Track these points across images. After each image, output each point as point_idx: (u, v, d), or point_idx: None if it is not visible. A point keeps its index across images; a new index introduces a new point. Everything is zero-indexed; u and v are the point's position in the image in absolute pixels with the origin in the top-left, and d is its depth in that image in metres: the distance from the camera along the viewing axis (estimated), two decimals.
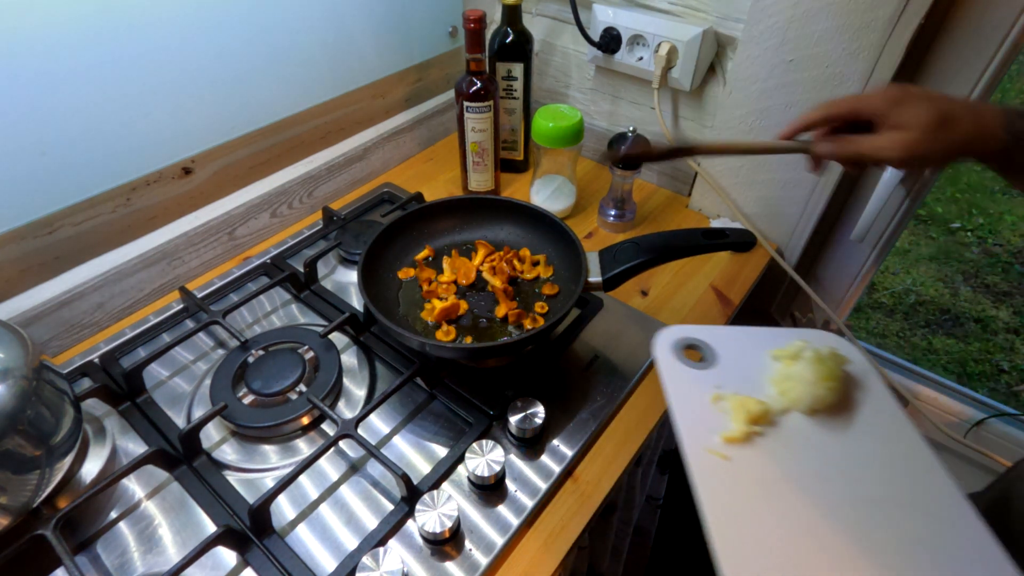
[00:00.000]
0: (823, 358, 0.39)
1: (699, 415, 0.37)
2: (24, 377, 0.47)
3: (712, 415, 0.37)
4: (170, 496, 0.55)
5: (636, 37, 0.84)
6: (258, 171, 0.83)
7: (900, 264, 2.07)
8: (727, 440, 0.36)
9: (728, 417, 0.37)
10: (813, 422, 0.37)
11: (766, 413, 0.37)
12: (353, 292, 0.77)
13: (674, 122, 0.91)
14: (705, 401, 0.38)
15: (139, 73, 0.65)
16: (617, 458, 0.59)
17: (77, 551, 0.51)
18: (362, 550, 0.49)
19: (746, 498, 0.33)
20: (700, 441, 0.35)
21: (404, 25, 0.92)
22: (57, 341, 0.68)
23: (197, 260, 0.78)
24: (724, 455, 0.35)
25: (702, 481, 0.33)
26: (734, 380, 0.39)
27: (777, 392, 0.39)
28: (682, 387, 0.39)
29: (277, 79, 0.79)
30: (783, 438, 0.37)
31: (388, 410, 0.62)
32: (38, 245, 0.64)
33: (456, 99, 0.82)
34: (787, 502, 0.33)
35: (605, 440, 0.60)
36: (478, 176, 0.90)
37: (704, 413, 0.37)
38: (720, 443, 0.36)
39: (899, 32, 0.63)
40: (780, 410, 0.38)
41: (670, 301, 0.76)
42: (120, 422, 0.61)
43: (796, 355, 0.40)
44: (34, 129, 0.60)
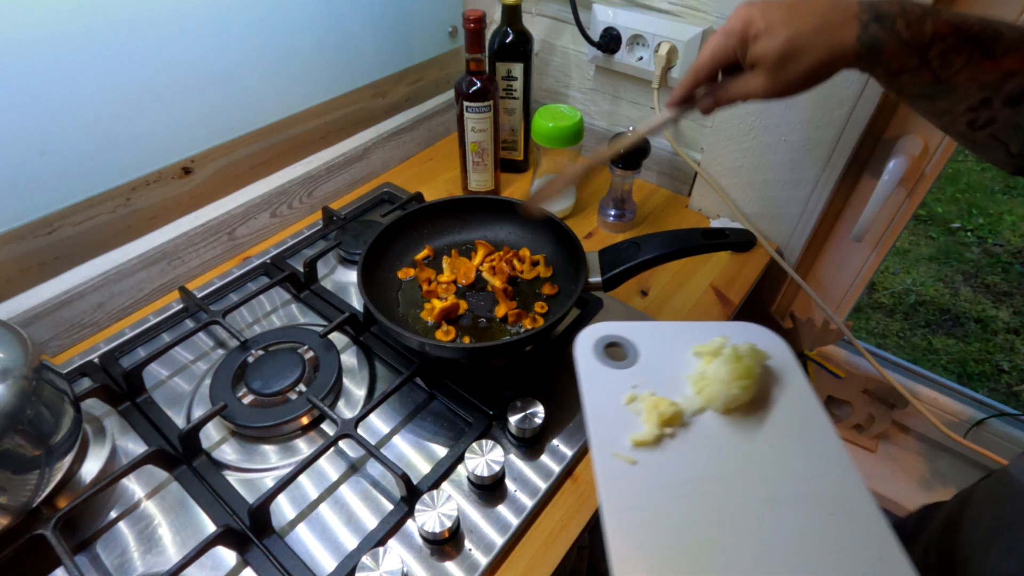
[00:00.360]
0: (740, 355, 0.38)
1: (611, 416, 0.36)
2: (24, 377, 0.47)
3: (624, 417, 0.36)
4: (170, 496, 0.55)
5: (636, 37, 0.84)
6: (258, 171, 0.83)
7: (900, 264, 2.07)
8: (636, 444, 0.35)
9: (641, 419, 0.36)
10: (727, 421, 0.37)
11: (679, 415, 0.37)
12: (353, 292, 0.77)
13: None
14: (619, 402, 0.37)
15: (139, 73, 0.65)
16: None
17: (77, 551, 0.51)
18: (362, 550, 0.49)
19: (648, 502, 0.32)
20: (608, 444, 0.35)
21: (404, 25, 0.92)
22: (57, 341, 0.68)
23: (197, 260, 0.78)
24: (631, 459, 0.34)
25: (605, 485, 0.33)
26: (653, 379, 0.38)
27: (694, 391, 0.38)
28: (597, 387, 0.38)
29: (277, 79, 0.79)
30: (693, 439, 0.36)
31: (388, 410, 0.62)
32: (38, 245, 0.64)
33: (456, 99, 0.82)
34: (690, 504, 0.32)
35: None
36: (478, 176, 0.90)
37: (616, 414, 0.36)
38: (628, 447, 0.35)
39: None
40: (694, 410, 0.37)
41: (670, 301, 0.76)
42: (120, 422, 0.61)
43: (716, 351, 0.39)
44: (34, 129, 0.60)
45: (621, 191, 0.85)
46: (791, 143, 0.77)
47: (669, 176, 0.95)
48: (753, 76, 0.44)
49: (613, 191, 0.85)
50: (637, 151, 0.79)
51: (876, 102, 0.69)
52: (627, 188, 0.85)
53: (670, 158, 0.93)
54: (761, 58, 0.42)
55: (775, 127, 0.77)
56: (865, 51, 0.40)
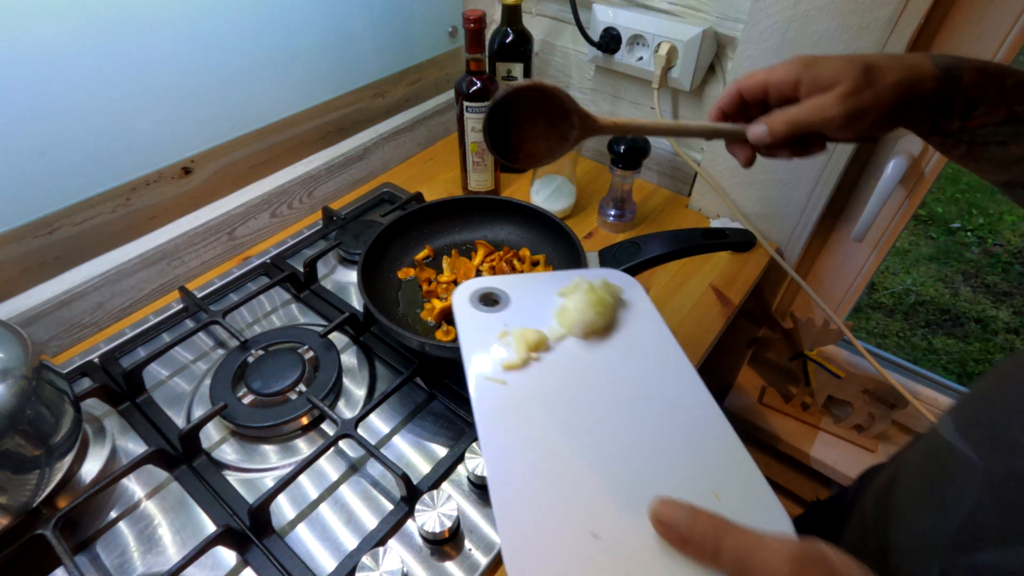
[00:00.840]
0: (595, 288, 0.44)
1: (485, 349, 0.41)
2: (24, 377, 0.47)
3: (497, 349, 0.41)
4: (170, 496, 0.55)
5: (636, 37, 0.84)
6: (258, 171, 0.83)
7: (900, 264, 2.07)
8: (506, 367, 0.39)
9: (511, 348, 0.40)
10: (586, 344, 0.42)
11: (543, 340, 0.41)
12: (353, 292, 0.77)
13: None
14: (492, 338, 0.41)
15: (139, 73, 0.65)
16: None
17: (77, 551, 0.51)
18: (362, 550, 0.49)
19: (516, 415, 0.36)
20: (482, 371, 0.39)
21: (404, 25, 0.92)
22: (57, 341, 0.68)
23: (197, 260, 0.78)
24: (502, 380, 0.38)
25: (479, 405, 0.37)
26: (522, 318, 0.43)
27: (557, 323, 0.43)
28: (473, 328, 0.42)
29: (277, 79, 0.79)
30: (557, 360, 0.40)
31: (388, 410, 0.62)
32: (38, 245, 0.64)
33: (456, 99, 0.82)
34: (554, 412, 0.37)
35: None
36: (478, 176, 0.90)
37: (490, 348, 0.41)
38: (500, 370, 0.39)
39: (899, 32, 0.63)
40: (557, 337, 0.42)
41: (670, 301, 0.76)
42: (120, 422, 0.61)
43: (575, 289, 0.44)
44: (34, 129, 0.60)
45: (621, 191, 0.85)
46: None
47: (669, 176, 0.95)
48: (823, 98, 0.38)
49: (613, 191, 0.85)
50: (637, 151, 0.79)
51: None
52: (627, 188, 0.85)
53: (670, 158, 0.93)
54: (834, 78, 0.38)
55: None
56: (943, 74, 0.38)
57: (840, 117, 0.38)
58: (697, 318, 0.74)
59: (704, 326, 0.73)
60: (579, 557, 0.29)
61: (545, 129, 0.43)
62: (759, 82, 0.41)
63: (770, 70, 0.41)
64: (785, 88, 0.41)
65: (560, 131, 0.44)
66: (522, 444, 0.35)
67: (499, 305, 0.45)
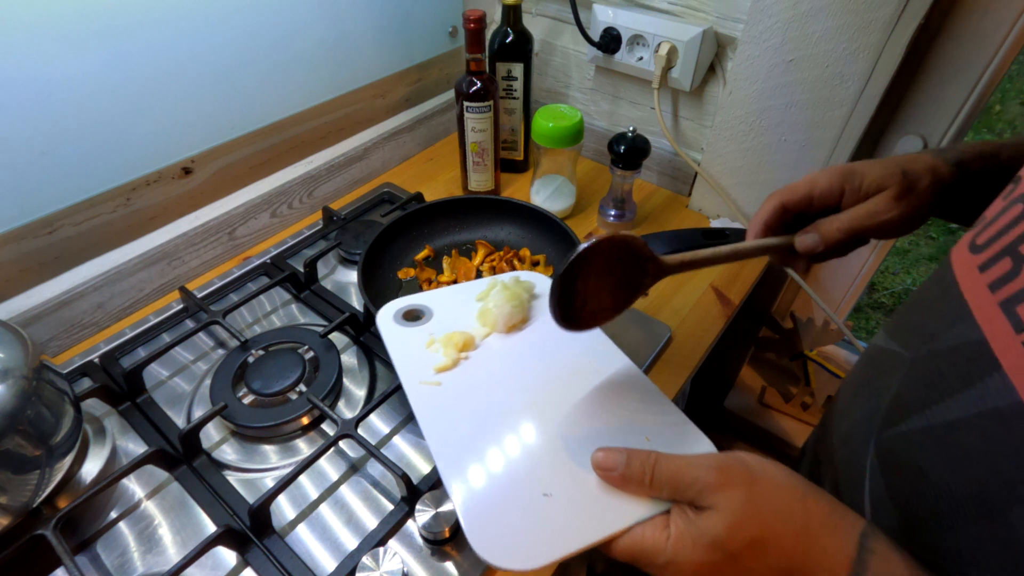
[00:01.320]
0: (508, 286, 0.48)
1: (416, 359, 0.43)
2: (24, 377, 0.47)
3: (427, 356, 0.44)
4: (170, 496, 0.55)
5: (636, 37, 0.84)
6: (258, 171, 0.83)
7: (900, 264, 2.07)
8: (438, 370, 0.42)
9: (440, 353, 0.44)
10: (509, 336, 0.46)
11: (470, 340, 0.45)
12: (353, 292, 0.77)
13: (674, 122, 0.91)
14: (421, 347, 0.44)
15: (139, 73, 0.65)
16: None
17: (77, 551, 0.51)
18: (362, 550, 0.49)
19: (455, 408, 0.40)
20: (416, 377, 0.42)
21: (404, 25, 0.92)
22: (57, 341, 0.68)
23: (197, 260, 0.78)
24: (436, 382, 0.42)
25: (419, 408, 0.39)
26: (446, 326, 0.46)
27: (479, 324, 0.47)
28: (401, 342, 0.45)
29: (277, 79, 0.79)
30: (485, 355, 0.44)
31: (388, 410, 0.62)
32: (38, 245, 0.64)
33: (456, 99, 0.82)
34: (491, 397, 0.40)
35: None
36: (478, 176, 0.90)
37: (420, 356, 0.43)
38: (432, 374, 0.42)
39: (899, 32, 0.63)
40: (482, 335, 0.46)
41: (670, 301, 0.76)
42: (120, 422, 0.61)
43: (491, 289, 0.48)
44: (34, 129, 0.60)
45: (621, 191, 0.85)
46: (791, 143, 0.77)
47: (669, 176, 0.95)
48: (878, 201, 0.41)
49: (613, 191, 0.85)
50: (637, 151, 0.79)
51: (876, 103, 0.69)
52: (627, 188, 0.85)
53: (670, 158, 0.93)
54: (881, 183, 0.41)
55: (775, 127, 0.77)
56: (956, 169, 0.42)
57: (897, 220, 0.41)
58: (697, 318, 0.74)
59: (704, 326, 0.73)
60: (536, 516, 0.33)
61: (613, 281, 0.38)
62: (804, 195, 0.43)
63: (811, 182, 0.43)
64: (830, 199, 0.43)
65: (632, 281, 0.39)
66: (466, 431, 0.38)
67: (423, 319, 0.48)
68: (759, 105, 0.76)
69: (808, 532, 0.29)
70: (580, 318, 0.37)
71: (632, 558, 0.32)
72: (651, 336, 0.69)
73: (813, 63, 0.70)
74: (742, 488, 0.30)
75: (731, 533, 0.29)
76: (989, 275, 0.29)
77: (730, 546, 0.29)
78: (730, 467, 0.30)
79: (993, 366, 0.27)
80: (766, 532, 0.29)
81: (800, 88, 0.72)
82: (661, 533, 0.31)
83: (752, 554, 0.29)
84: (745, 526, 0.29)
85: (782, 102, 0.74)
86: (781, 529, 0.29)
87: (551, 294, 0.35)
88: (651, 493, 0.32)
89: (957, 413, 0.29)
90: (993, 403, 0.27)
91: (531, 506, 0.33)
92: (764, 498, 0.30)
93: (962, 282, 0.31)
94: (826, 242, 0.43)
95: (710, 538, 0.29)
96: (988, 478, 0.27)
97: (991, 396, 0.27)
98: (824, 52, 0.68)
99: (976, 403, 0.28)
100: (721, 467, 0.30)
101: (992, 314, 0.28)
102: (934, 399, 0.30)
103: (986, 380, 0.27)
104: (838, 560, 0.28)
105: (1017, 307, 0.27)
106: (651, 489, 0.32)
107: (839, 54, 0.67)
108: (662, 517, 0.32)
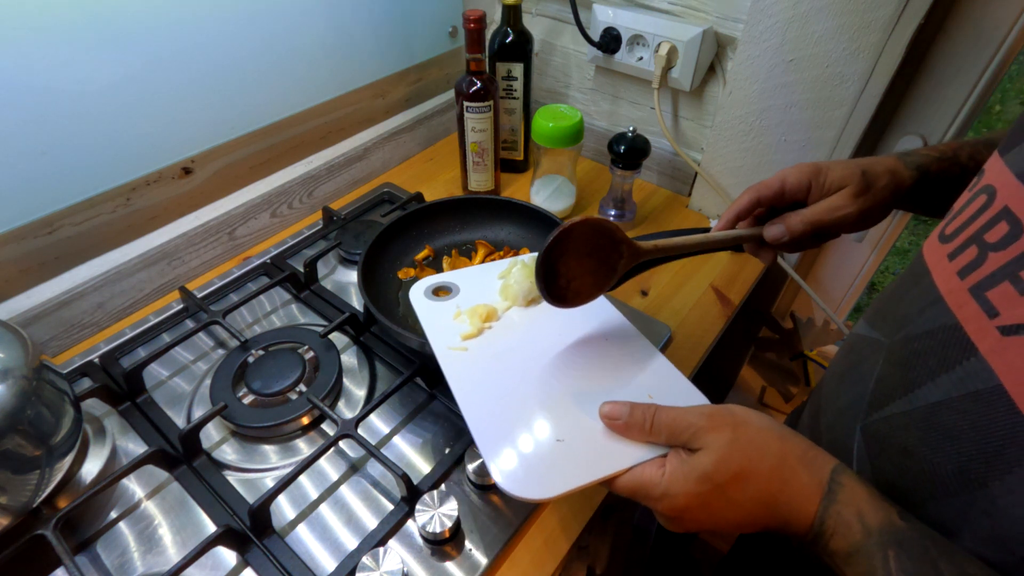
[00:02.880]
0: (527, 265, 0.52)
1: (445, 329, 0.48)
2: (24, 377, 0.47)
3: (454, 325, 0.49)
4: (170, 496, 0.55)
5: (636, 37, 0.84)
6: (258, 171, 0.83)
7: (900, 264, 2.07)
8: (464, 337, 0.47)
9: (466, 323, 0.49)
10: (528, 310, 0.51)
11: (493, 312, 0.50)
12: (353, 292, 0.77)
13: (674, 122, 0.91)
14: (448, 318, 0.50)
15: (139, 73, 0.65)
16: None
17: (77, 551, 0.51)
18: (362, 550, 0.49)
19: (480, 370, 0.45)
20: (445, 343, 0.47)
21: (404, 25, 0.92)
22: (57, 341, 0.68)
23: (197, 260, 0.78)
24: (463, 348, 0.47)
25: (448, 370, 0.44)
26: (471, 300, 0.51)
27: (501, 298, 0.52)
28: (432, 315, 0.50)
29: (277, 79, 0.79)
30: (506, 325, 0.49)
31: (388, 410, 0.62)
32: (38, 245, 0.64)
33: (456, 99, 0.82)
34: (512, 362, 0.45)
35: None
36: (478, 176, 0.90)
37: (448, 326, 0.49)
38: (459, 341, 0.47)
39: (899, 32, 0.63)
40: (504, 309, 0.51)
41: (670, 301, 0.76)
42: (120, 422, 0.61)
43: (511, 268, 0.53)
44: (34, 129, 0.60)
45: (621, 191, 0.85)
46: (792, 143, 0.77)
47: (669, 176, 0.95)
48: (839, 197, 0.45)
49: (613, 191, 0.85)
50: (637, 151, 0.79)
51: (876, 103, 0.69)
52: (627, 188, 0.85)
53: (670, 158, 0.93)
54: (843, 181, 0.45)
55: (775, 127, 0.77)
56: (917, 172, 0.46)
57: (854, 215, 0.45)
58: (697, 318, 0.74)
59: (704, 326, 0.73)
60: (551, 457, 0.38)
61: (593, 263, 0.42)
62: (777, 190, 0.48)
63: (783, 178, 0.47)
64: (798, 194, 0.47)
65: (609, 263, 0.43)
66: (490, 390, 0.43)
67: (450, 294, 0.53)
68: (759, 105, 0.76)
69: (785, 466, 0.33)
70: (565, 296, 0.42)
71: (632, 492, 0.36)
72: (651, 336, 0.69)
73: (813, 63, 0.70)
74: (728, 430, 0.34)
75: (718, 467, 0.33)
76: (957, 263, 0.31)
77: (717, 478, 0.33)
78: (719, 414, 0.35)
79: (970, 350, 0.29)
80: (748, 466, 0.33)
81: (800, 88, 0.72)
82: (657, 471, 0.35)
83: (736, 485, 0.33)
84: (730, 461, 0.33)
85: (782, 102, 0.74)
86: (761, 464, 0.33)
87: (536, 275, 0.40)
88: (650, 439, 0.36)
89: (939, 395, 0.31)
90: (973, 386, 0.29)
91: (548, 450, 0.38)
92: (747, 438, 0.34)
93: (933, 270, 0.34)
94: (791, 233, 0.47)
95: (700, 472, 0.33)
96: (971, 454, 0.29)
97: (971, 379, 0.29)
98: (824, 52, 0.68)
99: (957, 386, 0.30)
100: (711, 414, 0.35)
101: (963, 300, 0.30)
102: (915, 383, 0.33)
103: (964, 364, 0.29)
104: (811, 489, 0.32)
105: (987, 292, 0.29)
106: (650, 435, 0.36)
107: (839, 54, 0.67)
108: (659, 459, 0.36)
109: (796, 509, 0.32)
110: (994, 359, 0.28)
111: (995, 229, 0.29)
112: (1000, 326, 0.28)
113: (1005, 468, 0.27)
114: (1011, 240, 0.28)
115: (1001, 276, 0.28)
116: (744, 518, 0.33)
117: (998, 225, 0.29)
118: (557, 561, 0.51)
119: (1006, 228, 0.29)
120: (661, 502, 0.34)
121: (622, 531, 0.88)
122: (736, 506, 0.33)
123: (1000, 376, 0.27)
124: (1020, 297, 0.27)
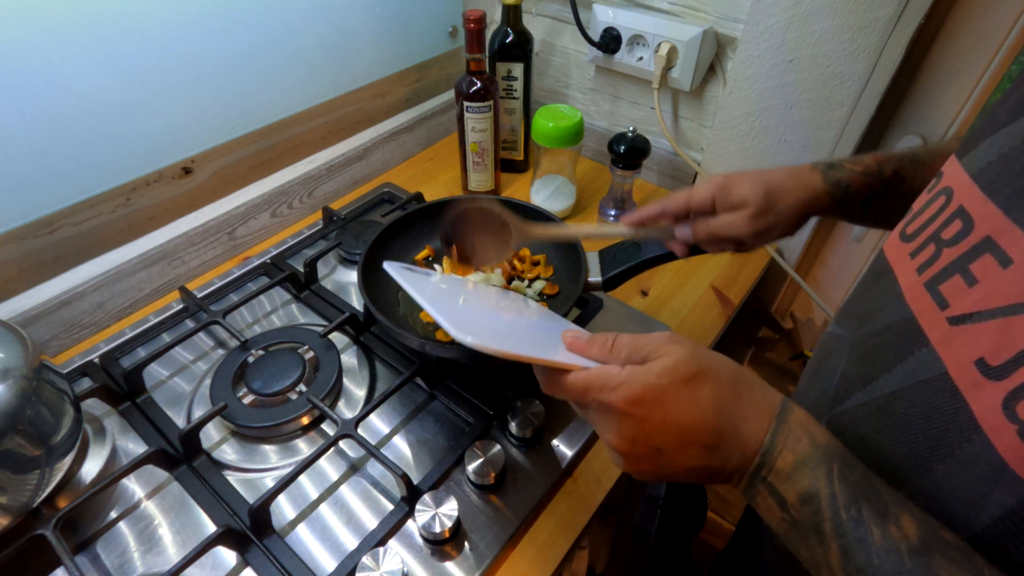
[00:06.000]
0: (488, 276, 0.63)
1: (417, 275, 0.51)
2: (24, 377, 0.47)
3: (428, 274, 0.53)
4: (170, 496, 0.55)
5: (636, 37, 0.84)
6: (258, 171, 0.83)
7: None
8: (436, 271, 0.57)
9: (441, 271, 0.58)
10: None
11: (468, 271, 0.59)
12: (353, 292, 0.77)
13: (674, 122, 0.91)
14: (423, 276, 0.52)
15: (139, 73, 0.65)
16: None
17: (77, 551, 0.51)
18: (362, 550, 0.49)
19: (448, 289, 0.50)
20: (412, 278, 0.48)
21: (404, 25, 0.92)
22: (57, 341, 0.68)
23: (197, 260, 0.78)
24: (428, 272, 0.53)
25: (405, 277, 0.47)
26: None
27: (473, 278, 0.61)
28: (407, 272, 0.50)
29: (277, 79, 0.79)
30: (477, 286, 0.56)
31: (388, 410, 0.62)
32: (38, 245, 0.64)
33: (456, 99, 0.82)
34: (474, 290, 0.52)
35: None
36: (478, 176, 0.90)
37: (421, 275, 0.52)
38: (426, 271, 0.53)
39: (899, 32, 0.63)
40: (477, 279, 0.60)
41: (670, 301, 0.76)
42: (120, 422, 0.61)
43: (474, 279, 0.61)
44: (34, 129, 0.60)
45: (621, 191, 0.85)
46: (792, 143, 0.77)
47: (669, 176, 0.95)
48: (736, 216, 0.48)
49: (613, 191, 0.85)
50: (637, 151, 0.79)
51: (876, 103, 0.69)
52: (627, 188, 0.85)
53: (670, 158, 0.93)
54: (744, 201, 0.47)
55: (776, 127, 0.77)
56: (834, 188, 0.48)
57: (748, 235, 0.48)
58: (697, 318, 0.74)
59: (704, 326, 0.73)
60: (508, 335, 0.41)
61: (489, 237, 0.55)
62: (682, 205, 0.51)
63: (690, 193, 0.50)
64: (704, 208, 0.50)
65: (502, 239, 0.55)
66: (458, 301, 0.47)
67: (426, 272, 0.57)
68: (759, 105, 0.76)
69: (742, 381, 0.34)
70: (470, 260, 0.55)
71: (585, 385, 0.35)
72: None
73: (813, 63, 0.70)
74: (689, 343, 0.35)
75: (678, 365, 0.33)
76: (917, 260, 0.33)
77: (677, 374, 0.33)
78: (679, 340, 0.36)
79: (922, 341, 0.30)
80: (708, 370, 0.34)
81: (800, 88, 0.72)
82: (615, 368, 0.35)
83: (696, 382, 0.33)
84: (690, 363, 0.33)
85: (782, 102, 0.74)
86: (721, 371, 0.34)
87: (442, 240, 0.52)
88: (610, 357, 0.36)
89: (893, 386, 0.32)
90: (923, 375, 0.30)
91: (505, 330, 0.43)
92: (707, 352, 0.35)
93: (896, 267, 0.35)
94: (695, 238, 0.51)
95: (661, 367, 0.33)
96: (919, 440, 0.30)
97: (921, 368, 0.30)
98: (824, 52, 0.68)
99: (908, 375, 0.31)
100: (672, 336, 0.36)
101: (919, 294, 0.32)
102: (873, 375, 0.34)
103: (916, 354, 0.31)
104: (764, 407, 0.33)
105: (940, 286, 0.30)
106: (611, 353, 0.36)
107: (839, 54, 0.67)
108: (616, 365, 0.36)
109: (750, 421, 0.33)
110: (942, 348, 0.29)
111: (950, 227, 0.31)
112: (949, 316, 0.29)
113: (947, 452, 0.28)
114: (963, 236, 0.30)
115: (953, 270, 0.30)
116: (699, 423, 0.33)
117: (953, 223, 0.31)
118: (557, 561, 0.51)
119: (960, 225, 0.30)
120: (616, 391, 0.33)
121: (622, 531, 0.88)
122: (693, 405, 0.33)
123: (946, 364, 0.28)
124: (968, 289, 0.28)
